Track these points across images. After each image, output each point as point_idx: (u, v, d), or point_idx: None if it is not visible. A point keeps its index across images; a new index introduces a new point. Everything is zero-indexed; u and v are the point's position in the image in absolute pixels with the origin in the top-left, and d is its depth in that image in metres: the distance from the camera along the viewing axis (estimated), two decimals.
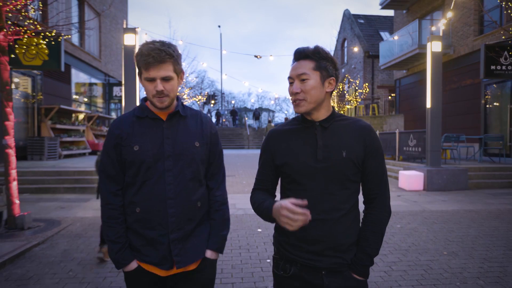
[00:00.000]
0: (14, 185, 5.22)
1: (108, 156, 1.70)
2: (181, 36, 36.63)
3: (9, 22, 5.02)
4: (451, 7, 9.71)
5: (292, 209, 1.38)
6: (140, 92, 9.27)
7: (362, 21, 29.41)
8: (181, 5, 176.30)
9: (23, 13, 5.13)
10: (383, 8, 20.02)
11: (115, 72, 20.53)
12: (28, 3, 5.03)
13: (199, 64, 39.30)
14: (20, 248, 4.39)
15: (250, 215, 6.26)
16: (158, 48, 1.61)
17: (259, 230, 5.42)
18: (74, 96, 15.98)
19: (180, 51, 1.74)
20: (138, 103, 8.74)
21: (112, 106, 21.11)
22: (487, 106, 14.12)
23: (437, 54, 9.50)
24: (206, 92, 39.54)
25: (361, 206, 1.56)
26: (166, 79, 1.64)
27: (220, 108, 42.75)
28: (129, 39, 8.58)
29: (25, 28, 5.27)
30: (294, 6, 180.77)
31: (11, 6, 4.91)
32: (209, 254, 1.77)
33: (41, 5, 5.76)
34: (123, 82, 8.61)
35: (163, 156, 1.67)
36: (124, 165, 1.70)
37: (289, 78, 1.59)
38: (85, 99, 17.48)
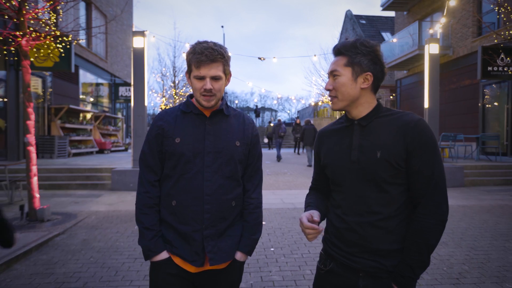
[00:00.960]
0: (35, 180, 5.60)
1: (149, 146, 1.73)
2: (185, 37, 36.94)
3: (31, 29, 5.40)
4: (444, 13, 10.02)
5: (302, 223, 1.47)
6: (148, 93, 9.63)
7: (364, 21, 29.72)
8: (183, 5, 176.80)
9: (43, 21, 5.51)
10: (384, 9, 20.35)
11: (120, 73, 20.93)
12: (48, 11, 5.40)
13: None
14: (43, 238, 4.77)
15: None
16: (211, 48, 1.65)
17: (264, 223, 5.78)
18: (81, 96, 16.39)
19: (183, 50, 1.90)
20: (146, 103, 9.14)
21: (118, 105, 21.50)
22: (485, 106, 14.43)
23: (435, 56, 9.84)
24: None
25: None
26: (215, 78, 1.67)
27: None
28: (138, 42, 8.96)
29: (44, 34, 5.65)
30: (296, 6, 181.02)
31: (33, 14, 5.29)
32: (239, 256, 1.76)
33: (61, 12, 6.12)
34: (132, 83, 9.00)
35: (203, 151, 1.69)
36: (164, 156, 1.71)
37: (328, 74, 1.59)
38: (92, 99, 17.88)
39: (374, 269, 1.45)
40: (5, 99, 10.72)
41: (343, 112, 1.60)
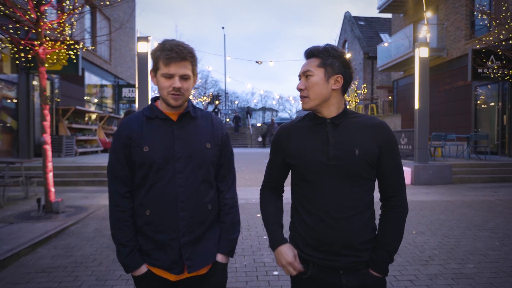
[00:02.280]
0: (50, 175, 6.13)
1: (117, 156, 1.67)
2: (187, 40, 37.33)
3: (47, 38, 5.93)
4: (426, 23, 10.53)
5: (291, 263, 1.58)
6: (151, 94, 10.15)
7: (362, 23, 30.18)
8: (184, 4, 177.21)
9: (58, 30, 6.04)
10: (381, 11, 20.87)
11: (123, 74, 21.46)
12: (62, 22, 5.93)
13: (203, 66, 40.28)
14: (60, 226, 5.30)
15: (250, 204, 7.13)
16: (181, 45, 1.62)
17: (258, 215, 6.30)
18: (86, 97, 16.93)
19: None
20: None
21: (121, 106, 22.04)
22: (477, 106, 14.91)
23: (424, 59, 10.32)
24: (210, 93, 40.46)
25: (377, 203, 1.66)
26: (184, 78, 1.63)
27: (224, 108, 43.52)
28: (142, 47, 9.50)
29: (59, 42, 6.18)
30: (296, 6, 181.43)
31: (49, 25, 5.82)
32: (220, 258, 1.75)
33: (74, 23, 6.65)
34: (136, 86, 9.53)
35: (174, 157, 1.64)
36: (133, 166, 1.66)
37: (298, 76, 1.63)
38: (96, 100, 18.43)
39: (354, 263, 1.54)
40: (17, 101, 11.26)
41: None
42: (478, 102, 14.92)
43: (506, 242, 4.79)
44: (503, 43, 9.26)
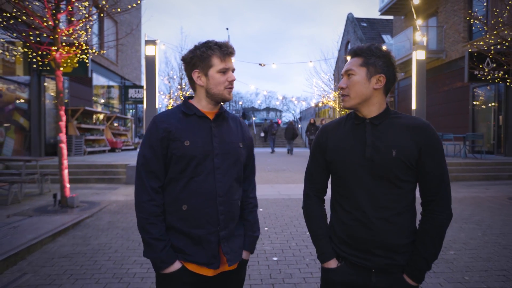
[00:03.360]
0: (66, 172, 6.57)
1: (153, 150, 1.65)
2: (193, 41, 37.83)
3: (63, 44, 6.37)
4: (418, 28, 10.90)
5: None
6: (158, 96, 10.60)
7: (365, 24, 30.53)
8: (188, 4, 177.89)
9: (74, 36, 6.49)
10: (382, 14, 21.23)
11: (130, 75, 21.95)
12: (77, 29, 6.37)
13: None
14: (76, 219, 5.74)
15: None
16: (227, 42, 1.72)
17: (261, 210, 6.71)
18: (94, 98, 17.42)
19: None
20: (157, 105, 10.11)
21: (128, 107, 22.52)
22: (475, 107, 15.25)
23: (421, 62, 10.70)
24: None
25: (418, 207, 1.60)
26: (233, 71, 1.75)
27: (228, 108, 43.91)
28: (149, 50, 9.93)
29: (74, 47, 6.63)
30: (300, 5, 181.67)
31: (65, 31, 6.27)
32: (244, 255, 1.79)
33: (89, 30, 7.10)
34: (144, 87, 9.97)
35: (213, 153, 1.67)
36: (169, 160, 1.66)
37: (341, 75, 1.64)
38: (103, 101, 18.92)
39: (387, 265, 1.53)
40: (29, 102, 11.74)
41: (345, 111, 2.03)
42: (475, 102, 15.26)
43: (487, 233, 5.18)
44: (492, 47, 9.60)
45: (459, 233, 5.20)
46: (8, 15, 5.78)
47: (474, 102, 15.29)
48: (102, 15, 7.04)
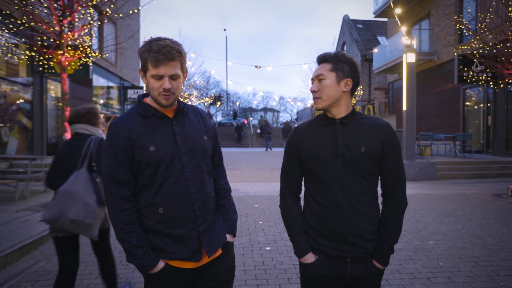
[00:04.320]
0: None
1: (117, 160, 1.63)
2: (190, 43, 38.20)
3: (69, 48, 6.73)
4: (404, 34, 11.30)
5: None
6: None
7: (360, 26, 30.96)
8: (185, 4, 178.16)
9: (77, 42, 6.84)
10: (376, 16, 21.67)
11: (128, 76, 22.27)
12: (82, 34, 6.73)
13: (205, 67, 41.11)
14: None
15: (249, 197, 7.92)
16: (169, 46, 1.60)
17: (256, 205, 7.08)
18: (94, 99, 17.75)
19: (188, 58, 2.16)
20: None
21: (127, 107, 22.85)
22: (465, 108, 15.69)
23: (411, 65, 11.08)
24: (212, 94, 41.29)
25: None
26: (173, 77, 1.63)
27: (225, 109, 44.24)
28: None
29: (79, 51, 6.98)
30: (298, 6, 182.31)
31: (71, 36, 6.62)
32: (228, 237, 1.86)
33: (94, 34, 7.45)
34: (144, 90, 10.32)
35: (179, 153, 1.67)
36: (137, 167, 1.65)
37: (312, 80, 1.76)
38: (102, 101, 19.24)
39: (360, 253, 1.69)
40: (32, 103, 12.07)
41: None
42: (466, 103, 15.70)
43: (466, 226, 5.56)
44: (475, 52, 10.00)
45: (440, 226, 5.59)
46: (19, 21, 6.12)
47: (465, 103, 15.72)
48: (106, 21, 7.33)
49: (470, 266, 3.99)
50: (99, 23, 7.23)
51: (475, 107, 15.27)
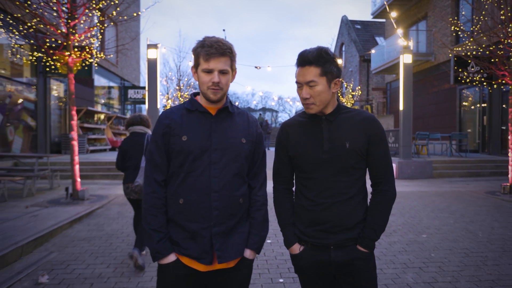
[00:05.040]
0: (77, 168, 7.13)
1: (157, 144, 1.73)
2: (192, 42, 38.38)
3: (75, 49, 6.94)
4: (401, 36, 11.54)
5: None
6: (160, 97, 11.16)
7: (358, 26, 31.20)
8: (184, 5, 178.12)
9: (83, 44, 7.05)
10: (374, 17, 21.94)
11: (129, 76, 22.47)
12: (89, 36, 6.94)
13: None
14: (88, 209, 6.31)
15: None
16: (221, 41, 1.69)
17: None
18: (95, 99, 17.95)
19: (189, 59, 2.47)
20: (159, 106, 10.66)
21: (127, 107, 23.05)
22: (462, 108, 15.95)
23: (408, 65, 11.32)
24: None
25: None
26: (223, 72, 1.69)
27: None
28: (151, 54, 10.49)
29: (85, 52, 7.20)
30: (297, 6, 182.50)
31: (77, 38, 6.84)
32: (248, 253, 1.78)
33: (100, 36, 7.68)
34: (146, 89, 10.53)
35: (210, 148, 1.70)
36: (171, 155, 1.72)
37: (298, 83, 1.72)
38: (104, 101, 19.44)
39: (343, 240, 1.72)
40: (36, 103, 12.28)
41: None
42: (463, 104, 15.96)
43: (459, 220, 5.80)
44: (469, 53, 10.23)
45: (434, 221, 5.82)
46: (28, 24, 6.34)
47: (461, 103, 15.98)
48: (112, 24, 7.51)
49: (460, 257, 4.22)
50: (105, 25, 7.39)
51: (472, 107, 15.53)
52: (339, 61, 1.78)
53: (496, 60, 8.01)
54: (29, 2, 6.29)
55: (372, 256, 1.78)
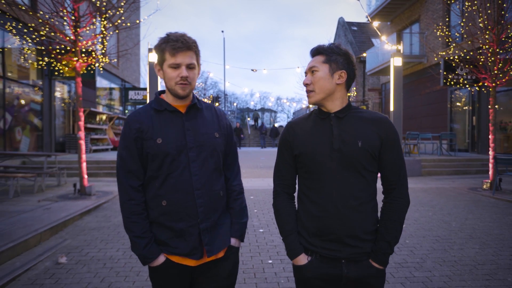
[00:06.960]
0: (84, 165, 7.63)
1: (128, 150, 1.69)
2: None
3: (83, 55, 7.44)
4: (387, 42, 12.03)
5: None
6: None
7: (355, 28, 31.73)
8: (182, 5, 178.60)
9: (90, 49, 7.56)
10: (369, 20, 22.43)
11: (129, 78, 22.98)
12: (95, 42, 7.45)
13: (203, 68, 41.79)
14: (96, 203, 6.81)
15: (246, 190, 8.55)
16: (185, 36, 1.67)
17: (252, 197, 7.81)
18: (97, 100, 18.45)
19: None
20: None
21: (128, 108, 23.55)
22: (452, 108, 16.49)
23: (398, 68, 11.84)
24: (210, 95, 42.02)
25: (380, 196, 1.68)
26: (190, 67, 1.67)
27: (223, 109, 44.92)
28: (153, 57, 11.00)
29: (91, 57, 7.70)
30: (295, 6, 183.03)
31: (84, 44, 7.34)
32: (233, 242, 1.81)
33: (106, 43, 8.18)
34: (148, 91, 11.04)
35: (186, 147, 1.69)
36: (146, 159, 1.69)
37: (305, 73, 1.69)
38: (105, 102, 19.94)
39: (356, 254, 1.59)
40: (41, 104, 12.79)
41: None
42: (454, 104, 16.49)
43: (437, 213, 6.32)
44: (456, 57, 10.74)
45: (414, 213, 6.34)
46: (40, 33, 6.84)
47: (452, 104, 16.52)
48: (117, 31, 7.92)
49: (431, 242, 4.73)
50: (111, 33, 7.91)
51: (462, 108, 16.06)
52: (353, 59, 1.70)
53: (480, 63, 8.54)
54: (41, 12, 6.80)
55: (384, 272, 1.66)
